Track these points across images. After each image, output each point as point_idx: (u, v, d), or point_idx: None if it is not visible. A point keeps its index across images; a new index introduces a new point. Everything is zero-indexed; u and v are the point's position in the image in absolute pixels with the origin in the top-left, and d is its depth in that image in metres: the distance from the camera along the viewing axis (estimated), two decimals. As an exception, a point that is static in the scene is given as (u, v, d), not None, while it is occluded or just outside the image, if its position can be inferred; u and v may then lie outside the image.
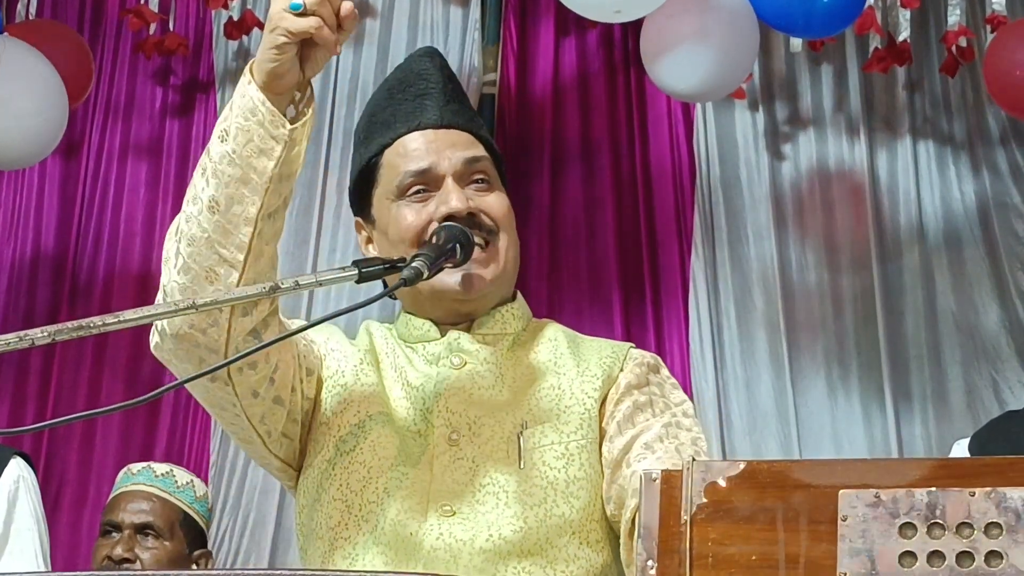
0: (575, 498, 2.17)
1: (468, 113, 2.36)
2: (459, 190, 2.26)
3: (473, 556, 2.11)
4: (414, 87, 2.35)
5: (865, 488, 1.47)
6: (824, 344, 5.27)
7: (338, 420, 2.24)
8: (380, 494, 2.16)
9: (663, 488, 1.54)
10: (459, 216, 2.23)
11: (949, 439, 4.86)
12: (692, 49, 4.63)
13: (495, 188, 2.30)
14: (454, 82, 2.37)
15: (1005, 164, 5.33)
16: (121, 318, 1.95)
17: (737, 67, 4.77)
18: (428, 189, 2.27)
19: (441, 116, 2.30)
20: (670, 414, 2.23)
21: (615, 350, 2.31)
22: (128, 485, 3.93)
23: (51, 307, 5.41)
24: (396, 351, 2.31)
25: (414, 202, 2.27)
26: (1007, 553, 1.42)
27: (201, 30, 5.62)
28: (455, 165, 2.27)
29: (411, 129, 2.31)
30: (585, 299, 5.21)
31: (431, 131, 2.30)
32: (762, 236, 5.34)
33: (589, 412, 2.22)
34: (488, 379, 2.25)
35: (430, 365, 2.27)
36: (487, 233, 2.25)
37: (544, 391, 2.24)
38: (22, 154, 4.82)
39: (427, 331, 2.30)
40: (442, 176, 2.27)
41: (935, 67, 5.37)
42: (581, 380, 2.25)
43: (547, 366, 2.27)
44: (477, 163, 2.29)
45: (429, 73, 2.35)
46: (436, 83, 2.34)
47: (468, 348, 2.27)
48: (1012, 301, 5.22)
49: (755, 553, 1.50)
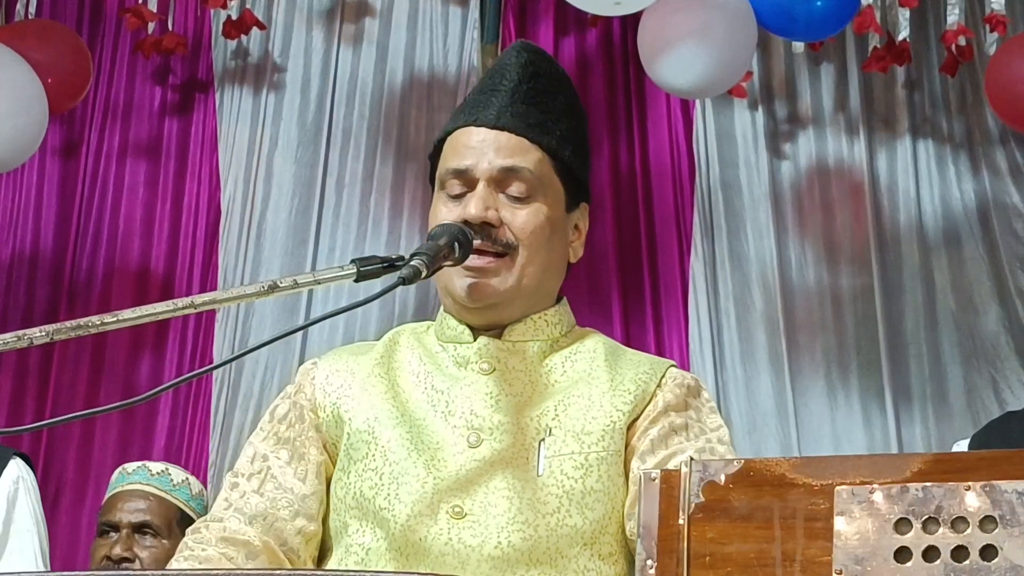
0: (590, 510, 2.15)
1: (536, 117, 2.28)
2: (485, 198, 2.22)
3: (481, 563, 2.10)
4: (492, 80, 2.32)
5: (860, 484, 1.48)
6: (824, 343, 5.27)
7: (348, 428, 2.24)
8: (392, 500, 2.15)
9: (662, 488, 1.55)
10: (475, 224, 2.20)
11: (949, 438, 4.86)
12: (689, 45, 4.63)
13: (533, 201, 2.24)
14: (535, 81, 2.30)
15: (1004, 163, 5.33)
16: (119, 317, 1.96)
17: (735, 63, 4.78)
18: (465, 188, 2.25)
19: (498, 116, 2.26)
20: (704, 439, 2.21)
21: (653, 367, 2.27)
22: (124, 485, 3.92)
23: (49, 306, 5.42)
24: (423, 357, 2.29)
25: (450, 199, 2.25)
26: (1002, 547, 1.42)
27: (200, 30, 5.63)
28: (491, 171, 2.23)
29: (468, 123, 2.28)
30: (584, 298, 5.21)
31: (484, 129, 2.26)
32: (761, 235, 5.34)
33: (614, 425, 2.19)
34: (516, 385, 2.23)
35: (459, 368, 2.26)
36: (503, 247, 2.22)
37: (573, 400, 2.21)
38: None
39: (460, 333, 2.28)
40: (476, 179, 2.24)
41: (934, 66, 5.37)
42: (612, 394, 2.22)
43: (580, 376, 2.25)
44: (515, 173, 2.23)
45: (509, 69, 2.31)
46: (510, 81, 2.29)
47: (498, 354, 2.25)
48: (1012, 300, 5.22)
49: (753, 551, 1.50)
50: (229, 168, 5.51)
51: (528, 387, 2.24)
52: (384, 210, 5.46)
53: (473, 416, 2.20)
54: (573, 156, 2.30)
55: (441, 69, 5.54)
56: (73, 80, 4.96)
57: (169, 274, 5.45)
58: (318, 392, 2.29)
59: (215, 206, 5.49)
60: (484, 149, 2.25)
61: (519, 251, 2.23)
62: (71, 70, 4.96)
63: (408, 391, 2.25)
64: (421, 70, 5.55)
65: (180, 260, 5.46)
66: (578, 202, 2.33)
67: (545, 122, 2.28)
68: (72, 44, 5.11)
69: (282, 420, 2.30)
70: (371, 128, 5.52)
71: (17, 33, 4.97)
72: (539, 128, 2.27)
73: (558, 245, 2.29)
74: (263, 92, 5.57)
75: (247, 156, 5.50)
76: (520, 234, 2.23)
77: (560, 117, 2.31)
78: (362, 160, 5.50)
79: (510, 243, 2.22)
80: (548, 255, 2.27)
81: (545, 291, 2.30)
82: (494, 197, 2.23)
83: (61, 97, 5.01)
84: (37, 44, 4.86)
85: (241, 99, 5.57)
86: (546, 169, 2.27)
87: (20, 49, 4.84)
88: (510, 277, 2.23)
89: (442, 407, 2.22)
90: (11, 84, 4.72)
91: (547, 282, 2.30)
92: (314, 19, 5.62)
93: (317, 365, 2.33)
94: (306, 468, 2.25)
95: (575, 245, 2.34)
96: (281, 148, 5.52)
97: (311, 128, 5.53)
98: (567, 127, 2.31)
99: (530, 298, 2.27)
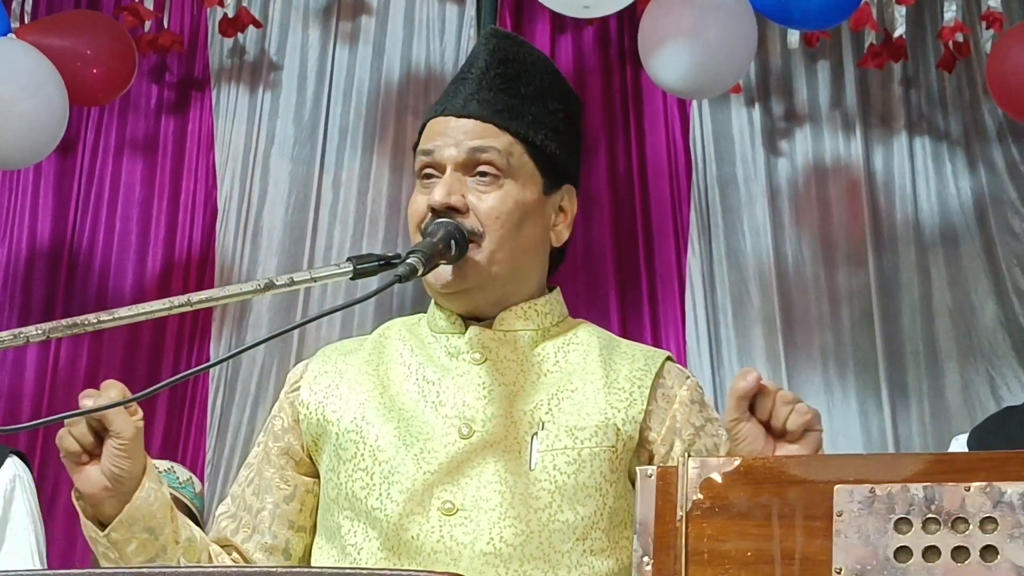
0: (581, 505, 2.15)
1: (505, 102, 2.27)
2: (451, 183, 2.21)
3: (474, 559, 2.10)
4: (462, 70, 2.33)
5: (860, 483, 1.47)
6: (820, 340, 5.27)
7: (335, 428, 2.24)
8: (384, 500, 2.16)
9: (659, 484, 1.55)
10: (439, 210, 2.20)
11: (946, 435, 4.86)
12: (687, 45, 4.63)
13: (501, 184, 2.23)
14: (504, 67, 2.29)
15: (1001, 160, 5.33)
16: (116, 316, 1.96)
17: (733, 64, 4.77)
18: (435, 175, 2.25)
19: (465, 104, 2.26)
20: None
21: (648, 362, 2.26)
22: None
23: (46, 304, 5.41)
24: (414, 349, 2.29)
25: (423, 187, 2.26)
26: (1002, 548, 1.42)
27: (196, 27, 5.62)
28: (457, 156, 2.23)
29: (438, 113, 2.28)
30: (582, 295, 5.22)
31: (453, 118, 2.26)
32: (758, 232, 5.34)
33: (608, 422, 2.19)
34: (508, 375, 2.23)
35: (451, 358, 2.25)
36: (469, 234, 2.20)
37: (566, 394, 2.21)
38: (19, 155, 4.82)
39: (452, 324, 2.28)
40: (444, 164, 2.24)
41: (931, 63, 5.37)
42: (607, 392, 2.21)
43: (574, 369, 2.24)
44: (482, 153, 2.22)
45: (477, 57, 2.32)
46: (477, 69, 2.29)
47: (489, 343, 2.25)
48: (1008, 297, 5.22)
49: (751, 549, 1.50)
50: (226, 166, 5.50)
51: (520, 376, 2.23)
52: (380, 208, 5.46)
53: (465, 406, 2.19)
54: (549, 139, 2.28)
55: (438, 67, 5.54)
56: (120, 71, 4.97)
57: (166, 272, 5.44)
58: (304, 387, 2.31)
59: (212, 204, 5.49)
60: (453, 135, 2.24)
61: (486, 236, 2.21)
62: (117, 61, 4.97)
63: (399, 383, 2.25)
64: (417, 68, 5.55)
65: (177, 258, 5.46)
66: (559, 185, 2.30)
67: (514, 107, 2.27)
68: (117, 34, 5.10)
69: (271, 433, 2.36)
70: (368, 126, 5.52)
71: (56, 25, 5.00)
72: (507, 113, 2.26)
73: (532, 230, 2.26)
74: (259, 90, 5.56)
75: (243, 154, 5.50)
76: (486, 220, 2.21)
77: (533, 101, 2.29)
78: (359, 158, 5.50)
79: (475, 230, 2.20)
80: (520, 240, 2.24)
81: (524, 276, 2.28)
82: (462, 182, 2.23)
83: (107, 88, 5.03)
84: (78, 35, 4.88)
85: (237, 97, 5.56)
86: (516, 152, 2.25)
87: (60, 40, 4.86)
88: (480, 262, 2.21)
89: (433, 397, 2.21)
90: (35, 81, 4.72)
91: (523, 267, 2.28)
92: (310, 17, 5.62)
93: (308, 366, 2.34)
94: (269, 483, 2.33)
95: (559, 228, 2.31)
96: (278, 146, 5.52)
97: (307, 126, 5.53)
98: (542, 110, 2.29)
99: (506, 284, 2.25)
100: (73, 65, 4.88)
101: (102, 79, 4.97)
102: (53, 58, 4.80)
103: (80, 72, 4.90)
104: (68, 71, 4.84)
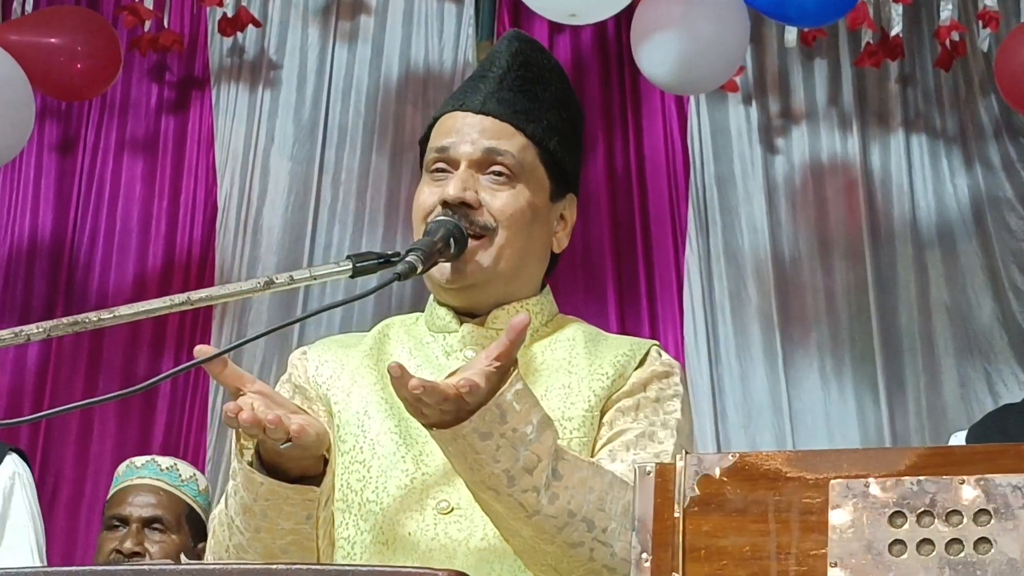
0: None
1: (523, 105, 2.28)
2: (465, 179, 2.22)
3: (468, 555, 2.11)
4: (482, 68, 2.33)
5: (855, 478, 1.48)
6: (818, 337, 5.28)
7: (337, 419, 2.24)
8: (380, 493, 2.16)
9: (657, 481, 1.55)
10: (452, 204, 2.20)
11: (943, 431, 4.88)
12: (677, 39, 4.63)
13: (514, 184, 2.24)
14: (524, 70, 2.30)
15: (998, 158, 5.34)
16: (116, 314, 1.97)
17: (724, 59, 4.77)
18: (448, 170, 2.25)
19: (484, 102, 2.27)
20: (648, 423, 2.19)
21: (633, 348, 2.27)
22: (133, 478, 3.92)
23: (47, 303, 5.42)
24: (412, 350, 2.29)
25: (433, 180, 2.26)
26: (996, 540, 1.43)
27: (196, 27, 5.63)
28: (473, 153, 2.24)
29: (455, 108, 2.29)
30: (580, 292, 5.23)
31: (470, 114, 2.26)
32: (756, 229, 5.35)
33: (592, 410, 2.20)
34: None
35: (447, 357, 2.26)
36: (481, 228, 2.21)
37: (554, 391, 2.21)
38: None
39: (448, 322, 2.28)
40: (459, 161, 2.24)
41: (928, 61, 5.38)
42: (591, 379, 2.22)
43: (560, 364, 2.25)
44: (498, 155, 2.23)
45: (499, 57, 2.32)
46: (499, 68, 2.30)
47: (481, 341, 2.24)
48: (1005, 294, 5.23)
49: (747, 544, 1.51)
50: (225, 165, 5.51)
51: None
52: (380, 206, 5.46)
53: None
54: (560, 146, 2.29)
55: (436, 66, 5.55)
56: (104, 65, 4.98)
57: (166, 270, 5.45)
58: (311, 374, 2.29)
59: (212, 203, 5.50)
60: (468, 132, 2.25)
61: (497, 232, 2.22)
62: (101, 55, 4.97)
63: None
64: (417, 67, 5.56)
65: (177, 256, 5.46)
66: (564, 193, 2.32)
67: (532, 110, 2.28)
68: (101, 29, 5.10)
69: None
70: (367, 125, 5.53)
71: (44, 19, 5.00)
72: (525, 115, 2.27)
73: (539, 232, 2.28)
74: (259, 89, 5.57)
75: (243, 153, 5.51)
76: (499, 216, 2.22)
77: (549, 107, 2.30)
78: (358, 157, 5.51)
79: (488, 225, 2.21)
80: (528, 240, 2.25)
81: (526, 277, 2.29)
82: (475, 179, 2.23)
83: (93, 83, 5.03)
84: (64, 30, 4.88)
85: (237, 96, 5.57)
86: (530, 156, 2.26)
87: (41, 37, 4.86)
88: (487, 258, 2.22)
89: None
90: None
91: (527, 268, 2.28)
92: (310, 16, 5.63)
93: (307, 354, 2.33)
94: None
95: (560, 236, 2.33)
96: (277, 145, 5.53)
97: (307, 125, 5.54)
98: (556, 117, 2.30)
99: (509, 282, 2.26)
100: (56, 60, 4.88)
101: (86, 74, 4.96)
102: (29, 55, 4.80)
103: (64, 67, 4.90)
104: (51, 67, 4.84)
